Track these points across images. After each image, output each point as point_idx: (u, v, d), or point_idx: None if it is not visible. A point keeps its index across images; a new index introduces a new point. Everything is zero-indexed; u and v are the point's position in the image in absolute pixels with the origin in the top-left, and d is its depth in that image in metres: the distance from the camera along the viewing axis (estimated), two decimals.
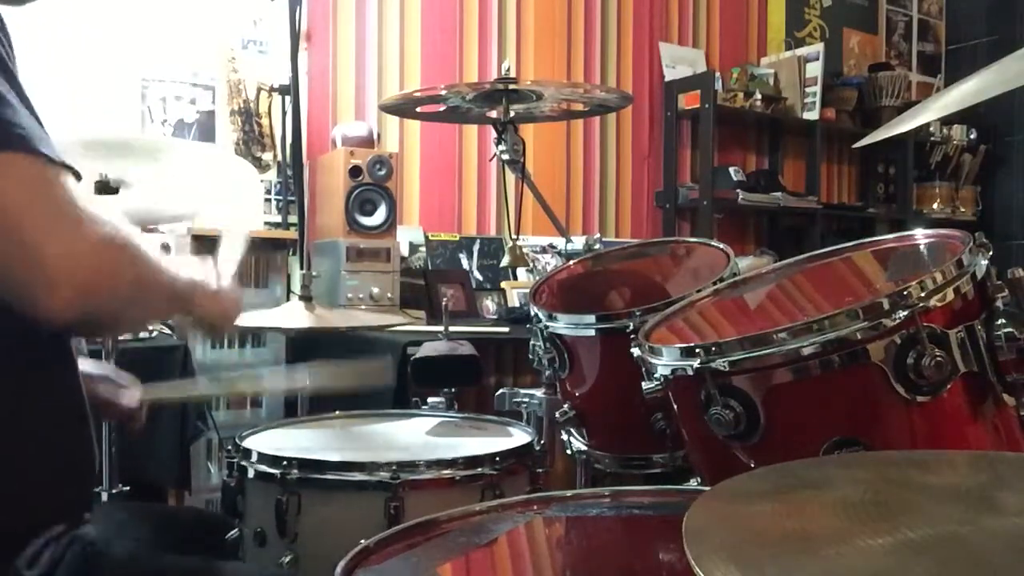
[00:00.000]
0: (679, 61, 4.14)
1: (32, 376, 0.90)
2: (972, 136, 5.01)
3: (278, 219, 3.16)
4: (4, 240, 0.74)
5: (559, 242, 1.91)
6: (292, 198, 3.09)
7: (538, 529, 1.00)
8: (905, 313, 0.90)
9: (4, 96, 0.76)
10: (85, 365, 1.07)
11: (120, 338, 1.86)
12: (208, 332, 1.02)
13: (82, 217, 0.77)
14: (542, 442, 1.38)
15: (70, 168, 0.78)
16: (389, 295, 2.86)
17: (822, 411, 0.97)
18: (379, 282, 2.84)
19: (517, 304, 3.22)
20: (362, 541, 0.86)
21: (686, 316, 1.25)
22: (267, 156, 3.19)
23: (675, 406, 1.09)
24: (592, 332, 1.39)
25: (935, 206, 4.87)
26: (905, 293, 0.91)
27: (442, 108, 1.95)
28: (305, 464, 1.21)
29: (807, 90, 4.29)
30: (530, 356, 1.54)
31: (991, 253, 0.99)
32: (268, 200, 3.17)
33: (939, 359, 0.90)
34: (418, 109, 2.08)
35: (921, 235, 1.19)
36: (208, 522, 1.37)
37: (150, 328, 2.40)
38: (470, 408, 1.92)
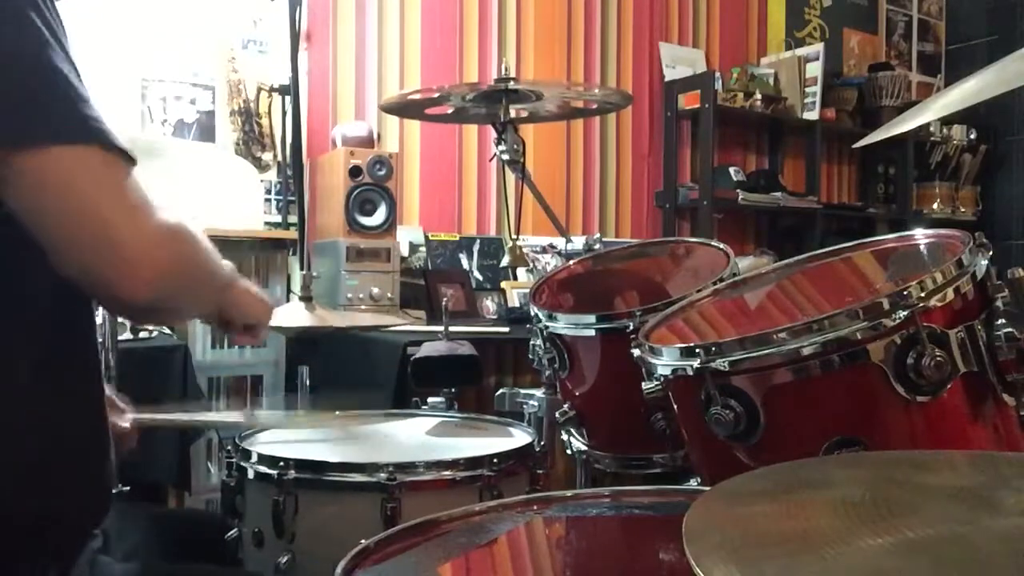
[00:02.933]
0: (679, 61, 4.14)
1: (55, 372, 0.90)
2: (972, 136, 5.01)
3: (278, 219, 3.15)
4: (84, 230, 0.78)
5: (559, 242, 1.91)
6: (292, 198, 3.09)
7: (538, 529, 1.00)
8: (905, 313, 0.90)
9: (79, 91, 0.79)
10: None
11: (120, 337, 1.86)
12: (240, 328, 1.05)
13: (153, 209, 0.81)
14: (542, 443, 1.37)
15: (133, 157, 0.82)
16: (389, 295, 2.86)
17: (822, 411, 0.97)
18: (379, 282, 2.84)
19: (517, 304, 3.22)
20: (362, 541, 0.86)
21: (686, 316, 1.25)
22: (267, 156, 3.19)
23: (675, 406, 1.09)
24: (592, 332, 1.39)
25: (935, 206, 4.87)
26: (905, 293, 0.91)
27: (445, 110, 1.95)
28: (303, 465, 1.21)
29: (807, 90, 4.29)
30: (530, 356, 1.54)
31: (991, 253, 0.99)
32: (268, 200, 3.17)
33: (939, 359, 0.90)
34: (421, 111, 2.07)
35: (921, 235, 1.19)
36: (207, 523, 1.37)
37: (152, 329, 2.40)
38: (470, 408, 1.92)
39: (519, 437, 1.42)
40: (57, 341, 0.89)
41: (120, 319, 1.78)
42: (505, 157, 1.76)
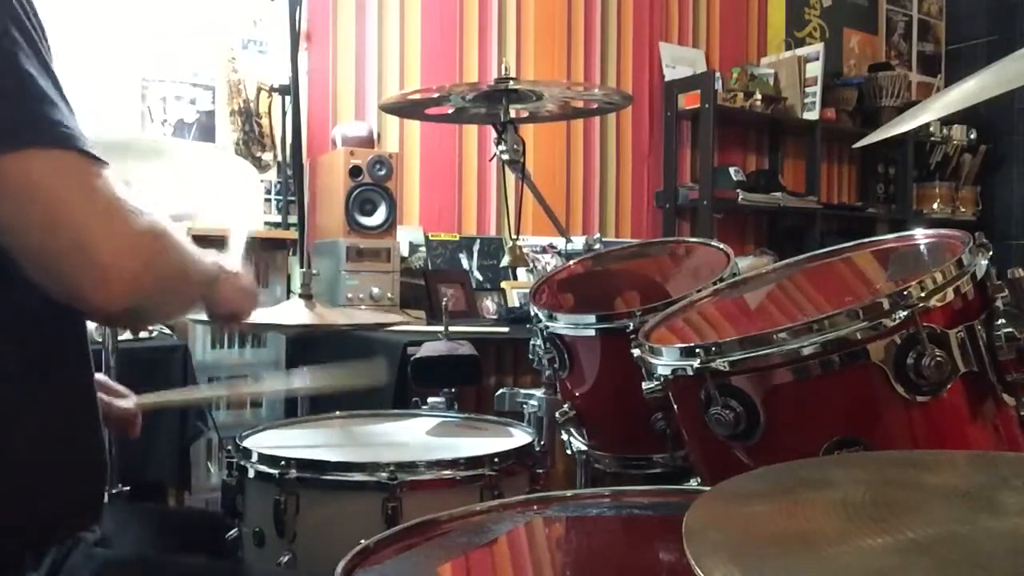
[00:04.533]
0: (679, 61, 4.14)
1: (49, 375, 0.90)
2: (972, 136, 5.01)
3: (278, 219, 3.16)
4: (57, 236, 0.76)
5: (559, 242, 1.91)
6: (292, 198, 3.09)
7: (538, 529, 1.00)
8: (905, 313, 0.90)
9: (48, 94, 0.78)
10: None
11: (120, 337, 1.86)
12: (229, 318, 1.03)
13: (127, 210, 0.79)
14: (542, 443, 1.37)
15: (104, 162, 0.80)
16: (389, 295, 2.86)
17: (822, 411, 0.97)
18: (379, 282, 2.84)
19: (517, 304, 3.22)
20: (362, 541, 0.86)
21: (686, 316, 1.25)
22: (267, 156, 3.19)
23: (675, 406, 1.09)
24: (592, 332, 1.39)
25: (935, 206, 4.87)
26: (905, 293, 0.91)
27: (445, 110, 1.95)
28: (303, 464, 1.21)
29: (807, 90, 4.29)
30: (530, 356, 1.54)
31: (991, 253, 0.99)
32: (268, 200, 3.17)
33: (939, 359, 0.90)
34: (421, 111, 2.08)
35: (921, 235, 1.19)
36: (208, 522, 1.37)
37: (151, 329, 2.40)
38: (470, 408, 1.92)
39: (519, 437, 1.42)
40: (48, 342, 0.89)
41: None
42: (505, 157, 1.76)
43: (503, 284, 3.37)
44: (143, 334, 2.38)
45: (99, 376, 1.23)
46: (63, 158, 0.77)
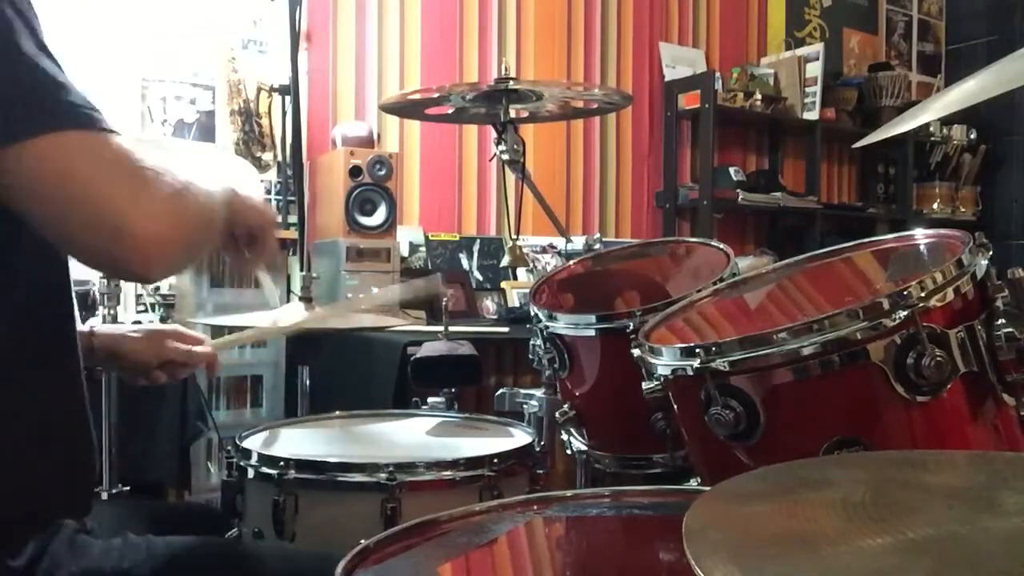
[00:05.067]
0: (679, 61, 4.14)
1: (32, 369, 0.90)
2: (972, 136, 5.01)
3: (278, 219, 3.16)
4: (86, 216, 0.78)
5: (559, 242, 1.91)
6: (292, 198, 3.09)
7: (538, 529, 1.00)
8: (905, 313, 0.90)
9: (58, 78, 0.79)
10: (153, 325, 1.08)
11: None
12: (248, 239, 1.04)
13: (148, 176, 0.80)
14: (542, 443, 1.37)
15: (116, 132, 0.81)
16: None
17: (822, 411, 0.97)
18: (379, 282, 2.84)
19: (517, 304, 3.22)
20: (362, 541, 0.86)
21: (686, 316, 1.25)
22: (267, 156, 3.19)
23: (675, 406, 1.09)
24: (592, 332, 1.39)
25: (935, 206, 4.87)
26: (905, 293, 0.91)
27: (445, 110, 1.95)
28: (303, 464, 1.21)
29: (807, 90, 4.29)
30: (530, 356, 1.54)
31: (991, 253, 0.99)
32: (268, 200, 3.18)
33: (939, 359, 0.90)
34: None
35: (921, 235, 1.19)
36: (207, 516, 1.37)
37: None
38: (470, 408, 1.92)
39: (519, 437, 1.42)
40: (35, 338, 0.89)
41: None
42: (505, 157, 1.76)
43: (503, 284, 3.37)
44: None
45: (176, 326, 1.25)
46: (76, 138, 0.78)
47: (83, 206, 0.78)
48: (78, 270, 0.95)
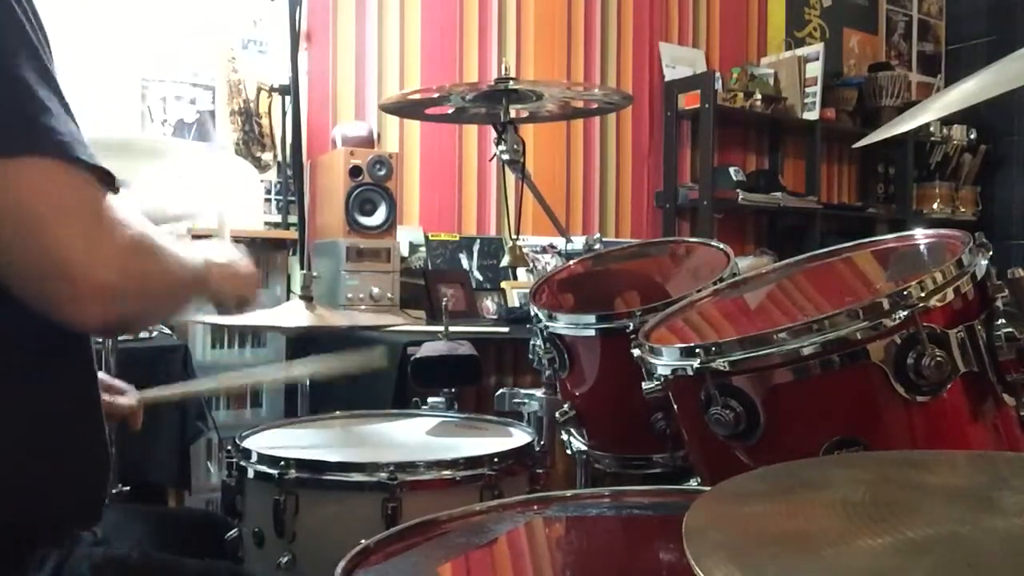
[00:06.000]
0: (679, 61, 4.14)
1: (51, 375, 0.90)
2: (972, 136, 5.01)
3: (278, 219, 3.16)
4: (35, 248, 0.74)
5: (559, 242, 1.91)
6: (292, 198, 3.09)
7: (538, 529, 1.00)
8: (905, 313, 0.90)
9: (44, 102, 0.76)
10: None
11: (120, 338, 1.86)
12: (233, 306, 1.03)
13: (111, 224, 0.77)
14: (542, 443, 1.37)
15: (103, 170, 0.79)
16: (389, 295, 2.86)
17: (822, 411, 0.97)
18: (379, 282, 2.84)
19: (517, 304, 3.22)
20: (362, 541, 0.86)
21: (686, 316, 1.25)
22: (267, 156, 3.19)
23: (675, 406, 1.09)
24: (592, 332, 1.39)
25: (935, 206, 4.87)
26: (905, 293, 0.91)
27: (445, 110, 1.95)
28: (303, 464, 1.21)
29: (807, 90, 4.29)
30: (530, 356, 1.54)
31: (991, 253, 0.99)
32: (268, 200, 3.17)
33: (939, 359, 0.90)
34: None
35: (921, 235, 1.19)
36: (208, 522, 1.37)
37: (152, 329, 2.40)
38: (470, 408, 1.92)
39: (519, 437, 1.42)
40: (51, 342, 0.89)
41: None
42: (505, 157, 1.76)
43: (503, 284, 3.37)
44: (143, 334, 2.38)
45: (99, 374, 1.23)
46: (50, 168, 0.75)
47: (36, 237, 0.74)
48: None
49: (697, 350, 0.99)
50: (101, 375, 1.22)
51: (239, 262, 1.04)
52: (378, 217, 2.89)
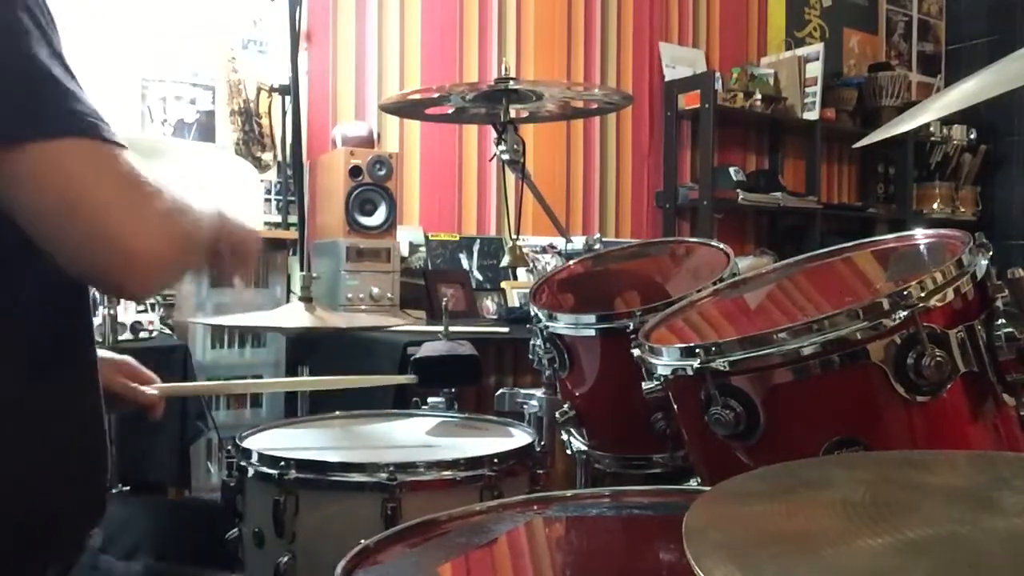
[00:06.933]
0: (679, 61, 4.14)
1: (53, 375, 0.90)
2: (972, 136, 5.01)
3: (278, 219, 3.16)
4: (81, 226, 0.77)
5: (559, 242, 1.91)
6: (292, 198, 3.09)
7: (538, 529, 1.00)
8: (905, 313, 0.90)
9: (67, 85, 0.78)
10: (105, 353, 1.08)
11: (120, 338, 1.86)
12: (233, 263, 1.03)
13: (148, 193, 0.80)
14: (542, 443, 1.37)
15: (122, 144, 0.81)
16: (389, 295, 2.86)
17: (822, 411, 0.97)
18: (379, 282, 2.84)
19: (517, 304, 3.22)
20: (362, 541, 0.86)
21: (686, 316, 1.25)
22: (267, 156, 3.19)
23: (675, 406, 1.09)
24: (592, 332, 1.39)
25: (935, 206, 4.87)
26: (905, 293, 0.91)
27: (445, 110, 1.95)
28: (303, 464, 1.21)
29: (807, 90, 4.29)
30: (530, 356, 1.54)
31: (991, 253, 0.99)
32: (268, 200, 3.17)
33: (939, 359, 0.90)
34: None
35: (921, 235, 1.19)
36: (208, 512, 1.37)
37: (151, 330, 2.40)
38: (470, 408, 1.92)
39: (519, 437, 1.42)
40: (52, 343, 0.89)
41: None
42: (505, 157, 1.76)
43: (503, 284, 3.37)
44: (143, 334, 2.38)
45: (128, 358, 1.24)
46: (80, 146, 0.77)
47: (80, 214, 0.77)
48: None
49: (697, 350, 0.99)
50: (130, 360, 1.23)
51: (246, 210, 1.05)
52: (378, 217, 2.89)
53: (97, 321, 1.96)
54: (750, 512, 0.62)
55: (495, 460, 1.24)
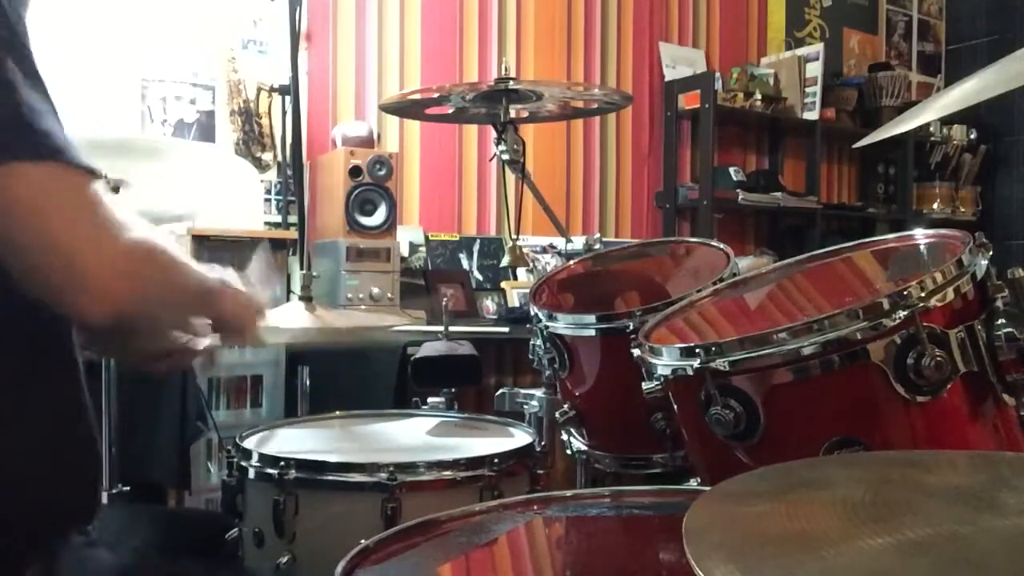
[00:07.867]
0: (679, 61, 4.14)
1: (39, 376, 0.89)
2: (972, 136, 5.01)
3: (278, 219, 3.15)
4: (43, 253, 0.76)
5: (559, 242, 1.91)
6: (292, 198, 3.08)
7: (538, 529, 1.00)
8: (905, 313, 0.90)
9: (36, 107, 0.77)
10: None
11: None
12: (232, 335, 1.02)
13: (114, 224, 0.79)
14: (542, 443, 1.37)
15: (96, 172, 0.80)
16: (389, 295, 2.86)
17: (822, 411, 0.97)
18: (379, 282, 2.84)
19: (517, 304, 3.22)
20: (362, 541, 0.86)
21: (686, 316, 1.25)
22: (267, 156, 3.19)
23: (675, 406, 1.09)
24: (592, 332, 1.39)
25: (935, 206, 4.87)
26: (905, 293, 0.91)
27: (445, 110, 1.95)
28: (303, 465, 1.21)
29: (807, 90, 4.29)
30: (530, 356, 1.54)
31: (991, 253, 0.99)
32: (268, 200, 3.17)
33: (939, 359, 0.90)
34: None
35: (921, 235, 1.19)
36: (208, 521, 1.37)
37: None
38: (470, 408, 1.92)
39: (519, 437, 1.42)
40: (35, 338, 0.88)
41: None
42: (505, 157, 1.76)
43: (503, 284, 3.37)
44: None
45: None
46: (50, 172, 0.76)
47: (39, 244, 0.76)
48: None
49: (697, 350, 0.99)
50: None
51: (251, 293, 1.03)
52: (378, 217, 2.89)
53: None
54: (750, 512, 0.62)
55: (495, 460, 1.24)
